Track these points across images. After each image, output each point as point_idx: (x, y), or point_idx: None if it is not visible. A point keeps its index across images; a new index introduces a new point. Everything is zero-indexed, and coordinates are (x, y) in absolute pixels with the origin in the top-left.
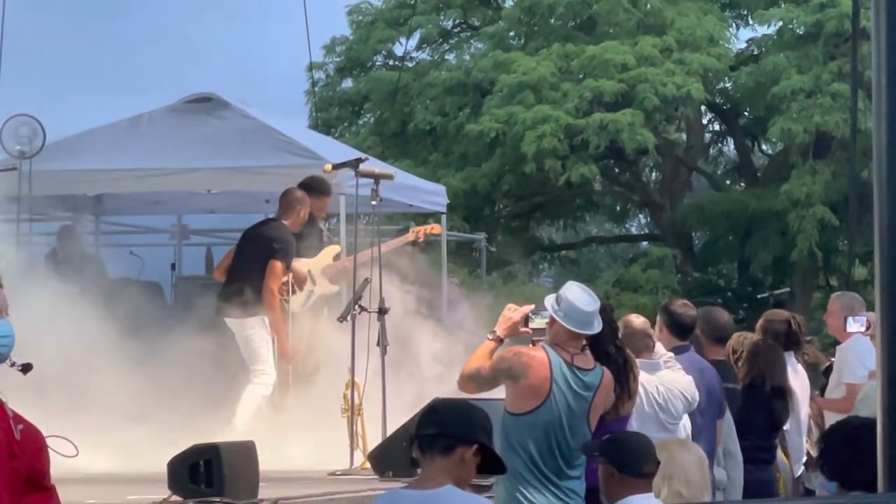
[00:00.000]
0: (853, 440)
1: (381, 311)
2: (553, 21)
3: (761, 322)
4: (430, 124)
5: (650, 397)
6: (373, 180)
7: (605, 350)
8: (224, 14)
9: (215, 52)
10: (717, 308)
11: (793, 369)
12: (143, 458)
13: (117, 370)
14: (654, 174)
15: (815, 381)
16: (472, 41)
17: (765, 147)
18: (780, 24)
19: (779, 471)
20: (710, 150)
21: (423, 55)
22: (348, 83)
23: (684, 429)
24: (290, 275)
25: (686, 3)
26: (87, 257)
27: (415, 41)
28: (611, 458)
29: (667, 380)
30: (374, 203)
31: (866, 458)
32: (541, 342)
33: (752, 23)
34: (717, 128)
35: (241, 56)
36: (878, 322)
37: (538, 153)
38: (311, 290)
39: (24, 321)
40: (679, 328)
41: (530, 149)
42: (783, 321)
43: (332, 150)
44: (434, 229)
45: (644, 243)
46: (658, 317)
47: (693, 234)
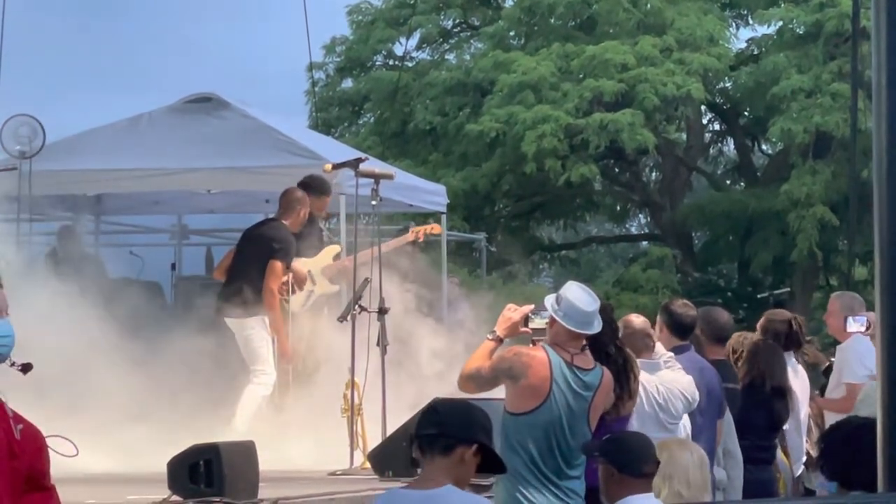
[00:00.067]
0: (853, 440)
1: (381, 311)
2: (553, 21)
3: (762, 321)
4: (430, 124)
5: (650, 397)
6: (373, 180)
7: (605, 350)
8: (224, 14)
9: (215, 52)
10: (717, 308)
11: (793, 369)
12: (143, 457)
13: (117, 370)
14: (654, 174)
15: (815, 381)
16: (472, 41)
17: (765, 147)
18: (780, 23)
19: (779, 471)
20: (710, 150)
21: (423, 55)
22: (348, 83)
23: (684, 429)
24: (290, 274)
25: (686, 2)
26: (87, 257)
27: (415, 41)
28: (611, 458)
29: (667, 380)
30: (374, 203)
31: (866, 458)
32: (541, 342)
33: (752, 22)
34: (717, 128)
35: (241, 56)
36: (878, 322)
37: (538, 153)
38: (311, 290)
39: (24, 321)
40: (679, 328)
41: (530, 149)
42: (784, 321)
43: (332, 150)
44: (434, 229)
45: (644, 243)
46: (658, 317)
47: (693, 234)
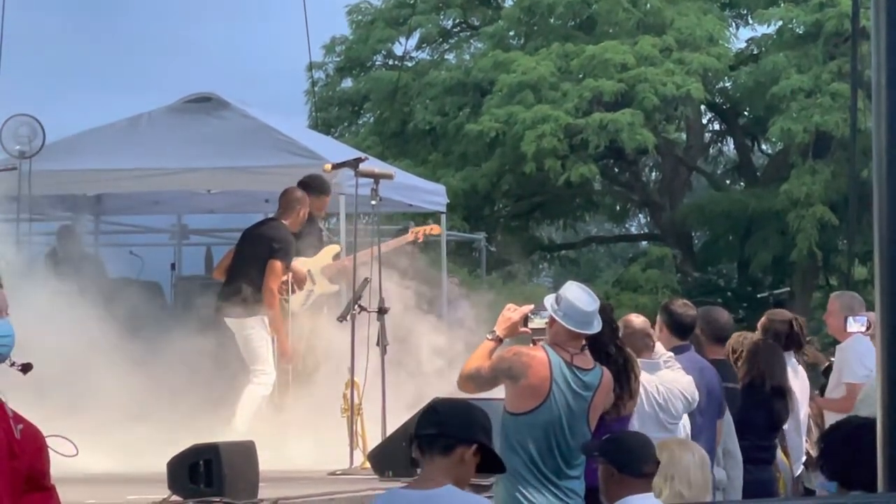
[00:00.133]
0: (853, 440)
1: (381, 311)
2: (553, 21)
3: (763, 321)
4: (430, 124)
5: (650, 397)
6: (372, 180)
7: (605, 350)
8: (224, 14)
9: (215, 52)
10: (717, 308)
11: (793, 369)
12: (143, 457)
13: (117, 370)
14: (653, 174)
15: (814, 381)
16: (472, 41)
17: (764, 147)
18: (780, 23)
19: (779, 470)
20: (710, 150)
21: (423, 55)
22: (348, 83)
23: (684, 429)
24: (289, 274)
25: (686, 2)
26: (87, 257)
27: (414, 41)
28: (610, 458)
29: (667, 379)
30: (373, 203)
31: (866, 458)
32: (541, 342)
33: (751, 22)
34: (716, 127)
35: (240, 56)
36: (878, 322)
37: (538, 153)
38: (311, 290)
39: (24, 321)
40: (679, 328)
41: (530, 148)
42: (785, 321)
43: (332, 150)
44: (433, 230)
45: (644, 243)
46: (658, 316)
47: (693, 234)
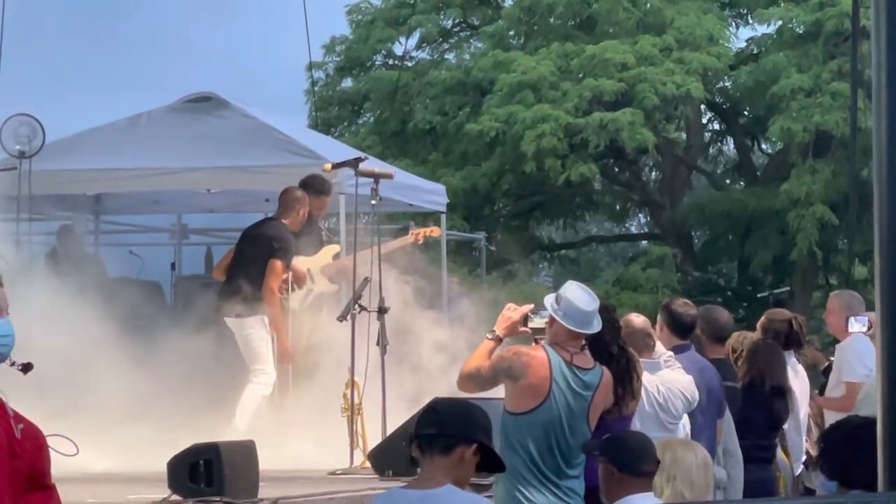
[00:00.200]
0: (853, 439)
1: (381, 311)
2: (553, 20)
3: (762, 320)
4: (430, 124)
5: (650, 397)
6: (372, 179)
7: (608, 350)
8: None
9: (215, 52)
10: (717, 307)
11: (793, 369)
12: (143, 457)
13: (117, 369)
14: (653, 173)
15: (814, 381)
16: (472, 40)
17: (764, 146)
18: (780, 23)
19: (779, 470)
20: (710, 150)
21: (423, 54)
22: (348, 83)
23: (684, 428)
24: (289, 273)
25: (686, 2)
26: (87, 257)
27: (414, 40)
28: (611, 458)
29: (667, 379)
30: (373, 202)
31: (866, 458)
32: (541, 341)
33: (751, 22)
34: (716, 127)
35: (240, 55)
36: (878, 322)
37: (538, 152)
38: (311, 289)
39: (24, 321)
40: (679, 327)
41: (530, 148)
42: (785, 321)
43: (332, 150)
44: (434, 232)
45: (644, 242)
46: (658, 316)
47: (693, 234)
